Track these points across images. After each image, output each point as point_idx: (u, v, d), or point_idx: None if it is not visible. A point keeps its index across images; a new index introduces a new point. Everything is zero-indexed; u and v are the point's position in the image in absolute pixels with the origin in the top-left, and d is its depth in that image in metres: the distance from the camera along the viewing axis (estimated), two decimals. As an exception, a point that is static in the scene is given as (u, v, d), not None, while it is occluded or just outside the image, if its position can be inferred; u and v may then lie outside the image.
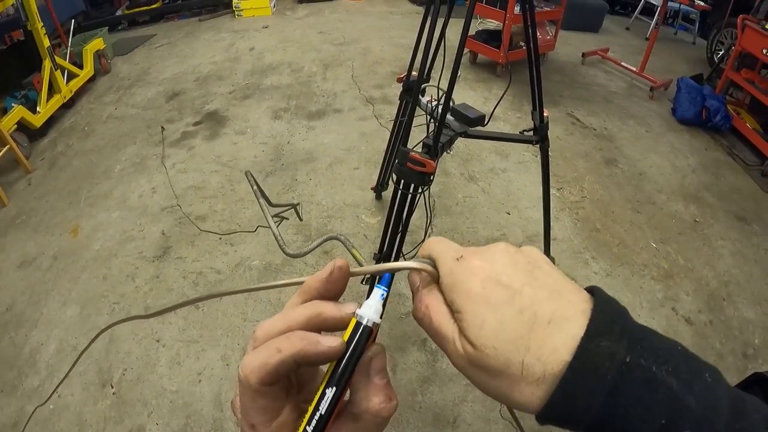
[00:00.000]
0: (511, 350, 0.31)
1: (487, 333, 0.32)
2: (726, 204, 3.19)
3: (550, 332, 0.31)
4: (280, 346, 0.31)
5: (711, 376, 0.30)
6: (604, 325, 0.31)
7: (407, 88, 2.25)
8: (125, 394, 2.06)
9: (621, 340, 0.30)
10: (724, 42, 5.00)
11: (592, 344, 0.30)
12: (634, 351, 0.29)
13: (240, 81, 4.72)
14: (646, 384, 0.28)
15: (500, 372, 0.32)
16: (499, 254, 0.36)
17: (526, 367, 0.31)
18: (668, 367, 0.29)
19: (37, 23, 3.78)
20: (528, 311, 0.32)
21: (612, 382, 0.29)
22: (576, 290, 0.34)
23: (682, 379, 0.29)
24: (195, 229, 2.88)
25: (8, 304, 2.51)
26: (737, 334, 2.35)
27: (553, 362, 0.30)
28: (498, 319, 0.32)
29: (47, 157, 3.73)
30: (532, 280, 0.33)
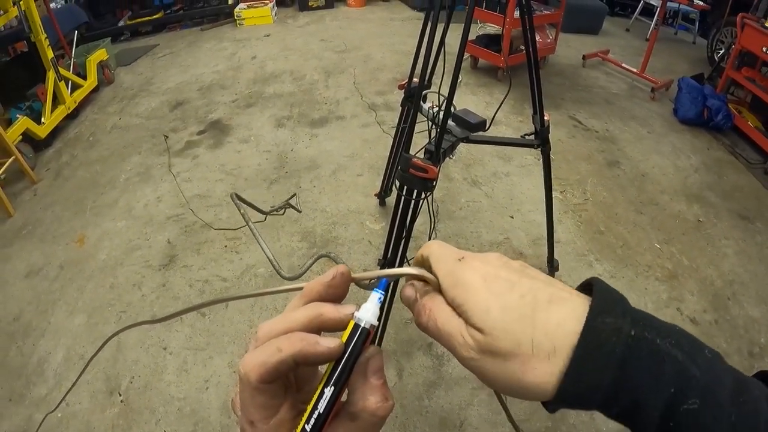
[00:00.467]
0: (519, 330, 0.33)
1: (494, 316, 0.34)
2: (729, 203, 3.19)
3: (552, 309, 0.33)
4: (280, 345, 0.32)
5: (710, 352, 0.32)
6: (606, 304, 0.33)
7: (409, 95, 2.27)
8: (133, 402, 2.08)
9: (624, 317, 0.32)
10: (724, 41, 5.00)
11: (597, 321, 0.32)
12: (638, 326, 0.32)
13: (243, 90, 4.75)
14: (653, 355, 0.30)
15: (511, 353, 0.33)
16: (493, 258, 0.38)
17: (536, 344, 0.32)
18: (671, 340, 0.31)
19: (40, 34, 3.81)
20: (528, 295, 0.34)
21: (621, 356, 0.30)
22: (567, 287, 0.36)
23: (686, 351, 0.31)
24: (200, 237, 2.90)
25: (16, 314, 2.53)
26: (743, 333, 2.34)
27: (561, 335, 0.32)
28: (501, 304, 0.34)
29: (52, 167, 3.76)
30: (525, 275, 0.36)
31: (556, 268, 2.53)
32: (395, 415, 1.96)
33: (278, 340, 0.33)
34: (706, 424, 0.30)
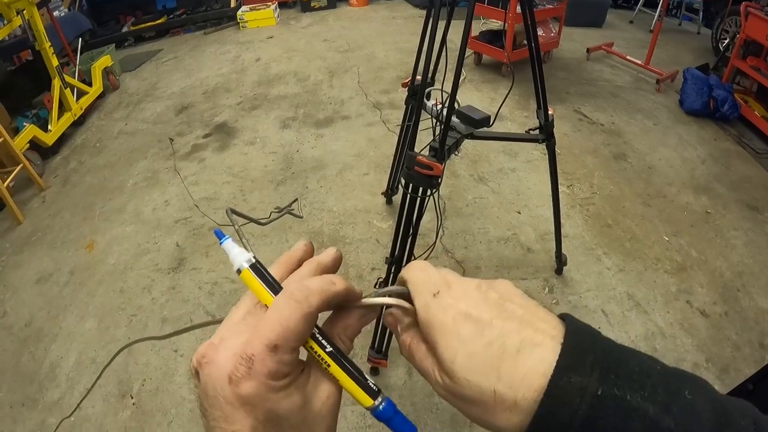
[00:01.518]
0: (482, 381, 0.32)
1: (459, 366, 0.33)
2: (737, 194, 3.16)
3: (519, 360, 0.32)
4: (333, 279, 0.35)
5: (692, 392, 0.30)
6: (574, 357, 0.31)
7: (412, 93, 2.27)
8: (145, 405, 2.09)
9: (592, 373, 0.30)
10: (728, 30, 4.96)
11: (562, 381, 0.30)
12: (607, 381, 0.30)
13: (247, 92, 4.76)
14: (620, 413, 0.29)
15: (475, 400, 0.33)
16: (471, 290, 0.37)
17: (498, 395, 0.32)
18: (644, 392, 0.29)
19: (44, 43, 3.85)
20: (496, 342, 0.33)
21: (584, 415, 0.29)
22: (546, 319, 0.35)
23: (659, 402, 0.29)
24: (209, 239, 2.92)
25: (27, 319, 2.56)
26: (753, 325, 2.33)
27: (525, 389, 0.31)
28: (468, 352, 0.33)
29: (60, 174, 3.79)
30: (501, 312, 0.35)
31: (564, 263, 2.53)
32: (406, 412, 1.96)
33: (333, 276, 0.36)
34: None
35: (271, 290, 0.35)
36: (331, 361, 0.35)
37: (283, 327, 0.32)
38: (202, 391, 0.33)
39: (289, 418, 0.34)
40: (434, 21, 1.53)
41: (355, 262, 2.71)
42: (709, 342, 2.24)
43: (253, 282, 0.35)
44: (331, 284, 0.35)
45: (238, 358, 0.31)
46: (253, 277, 0.35)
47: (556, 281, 2.53)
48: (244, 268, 0.35)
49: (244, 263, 0.36)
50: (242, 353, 0.31)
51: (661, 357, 1.56)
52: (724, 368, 2.12)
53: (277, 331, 0.32)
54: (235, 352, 0.32)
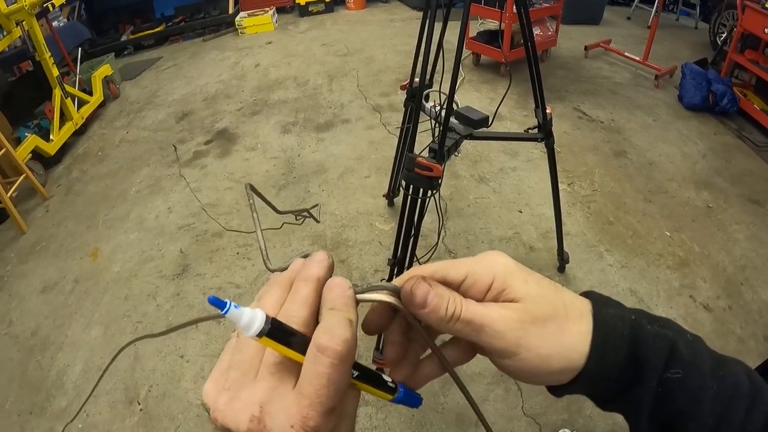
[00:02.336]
0: (552, 297, 0.37)
1: (532, 286, 0.37)
2: (738, 188, 3.16)
3: (566, 291, 0.39)
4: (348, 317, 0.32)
5: (692, 336, 0.38)
6: (604, 300, 0.39)
7: (411, 95, 2.28)
8: (152, 410, 2.10)
9: (621, 306, 0.39)
10: (725, 24, 4.96)
11: (603, 312, 0.38)
12: (633, 314, 0.38)
13: (247, 98, 4.78)
14: (651, 334, 0.37)
15: (550, 316, 0.36)
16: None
17: (568, 306, 0.37)
18: (660, 322, 0.38)
19: (45, 53, 3.87)
20: (545, 280, 0.38)
21: (629, 338, 0.36)
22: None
23: (674, 330, 0.38)
24: (212, 245, 2.93)
25: (33, 328, 2.57)
26: (757, 318, 2.33)
27: (580, 302, 0.38)
28: (534, 279, 0.38)
29: (63, 183, 3.81)
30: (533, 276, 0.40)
31: (566, 261, 2.53)
32: (412, 413, 1.97)
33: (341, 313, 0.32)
34: (691, 390, 0.35)
35: (298, 348, 0.31)
36: (358, 381, 0.34)
37: (334, 389, 0.30)
38: None
39: None
40: (430, 23, 1.55)
41: (358, 264, 2.71)
42: (713, 336, 2.24)
43: (276, 346, 0.31)
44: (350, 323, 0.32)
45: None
46: (274, 342, 0.31)
47: (559, 279, 2.54)
48: (264, 335, 0.30)
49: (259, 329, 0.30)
50: (304, 427, 0.29)
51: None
52: (729, 362, 2.12)
53: (329, 396, 0.30)
54: (292, 424, 0.29)
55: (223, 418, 0.31)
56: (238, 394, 0.31)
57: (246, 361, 0.33)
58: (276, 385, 0.31)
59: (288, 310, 0.34)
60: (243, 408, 0.31)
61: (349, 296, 0.34)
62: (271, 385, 0.31)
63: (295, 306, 0.34)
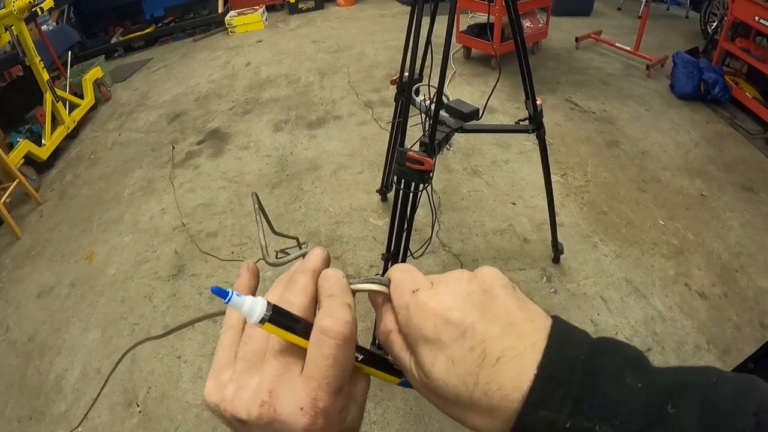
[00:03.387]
0: (460, 385, 0.32)
1: (438, 369, 0.33)
2: (732, 175, 3.18)
3: (498, 370, 0.32)
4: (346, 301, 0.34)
5: (678, 403, 0.29)
6: (546, 390, 0.30)
7: (401, 90, 2.28)
8: (151, 412, 2.10)
9: (563, 407, 0.30)
10: (716, 13, 4.97)
11: (531, 415, 0.30)
12: (577, 413, 0.29)
13: (239, 97, 4.77)
14: None
15: (452, 401, 0.34)
16: (452, 285, 0.36)
17: (474, 400, 0.32)
18: (616, 420, 0.29)
19: (34, 58, 3.85)
20: (478, 349, 0.32)
21: None
22: (530, 319, 0.34)
23: (633, 429, 0.28)
24: (207, 245, 2.93)
25: (30, 333, 2.57)
26: (753, 305, 2.34)
27: (499, 398, 0.31)
28: (449, 357, 0.33)
29: (56, 187, 3.80)
30: (484, 313, 0.34)
31: (561, 252, 2.54)
32: (410, 408, 1.98)
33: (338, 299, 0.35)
34: None
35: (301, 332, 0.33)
36: (363, 365, 0.36)
37: (340, 369, 0.32)
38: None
39: (351, 423, 0.35)
40: (418, 17, 1.54)
41: (352, 260, 2.72)
42: (709, 324, 2.25)
43: (278, 331, 0.32)
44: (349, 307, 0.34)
45: (311, 413, 0.31)
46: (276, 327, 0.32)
47: (553, 270, 2.55)
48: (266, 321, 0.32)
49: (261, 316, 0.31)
50: (314, 408, 0.31)
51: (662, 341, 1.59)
52: (726, 349, 2.13)
53: (336, 375, 0.32)
54: (302, 406, 0.31)
55: (233, 408, 0.32)
56: (245, 384, 0.32)
57: (252, 351, 0.34)
58: (283, 371, 0.32)
59: (287, 298, 0.35)
60: (252, 396, 0.31)
61: (344, 284, 0.36)
62: (278, 371, 0.32)
63: (294, 294, 0.36)
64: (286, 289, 0.37)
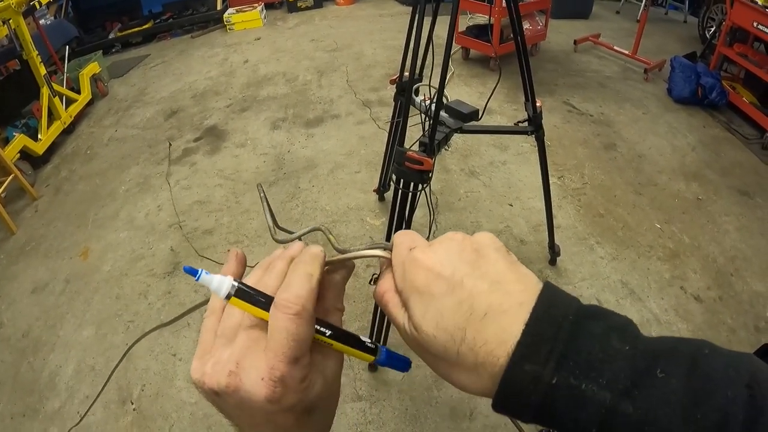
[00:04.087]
0: (448, 339, 0.33)
1: (428, 321, 0.34)
2: (728, 180, 3.19)
3: (484, 325, 0.32)
4: (307, 271, 0.36)
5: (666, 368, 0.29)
6: (533, 345, 0.31)
7: (401, 90, 2.28)
8: (146, 410, 2.10)
9: (548, 361, 0.30)
10: (714, 18, 4.98)
11: (517, 368, 0.31)
12: (563, 369, 0.30)
13: (236, 94, 4.76)
14: (573, 402, 0.29)
15: (440, 356, 0.35)
16: (445, 243, 0.38)
17: (461, 355, 0.33)
18: (601, 379, 0.29)
19: (32, 52, 3.83)
20: (466, 303, 0.33)
21: (537, 403, 0.30)
22: (518, 280, 0.35)
23: (619, 388, 0.29)
24: (203, 243, 2.92)
25: (24, 330, 2.55)
26: (748, 308, 2.35)
27: (484, 354, 0.32)
28: (438, 309, 0.34)
29: (52, 183, 3.78)
30: (474, 270, 0.35)
31: (558, 254, 2.54)
32: (405, 407, 1.98)
33: (302, 268, 0.37)
34: None
35: (264, 307, 0.35)
36: (332, 341, 0.37)
37: (294, 340, 0.33)
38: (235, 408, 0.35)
39: (317, 399, 0.36)
40: (420, 17, 1.54)
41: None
42: (704, 327, 2.26)
43: (244, 305, 0.35)
44: (310, 277, 0.36)
45: (270, 382, 0.32)
46: (242, 302, 0.35)
47: (550, 272, 2.55)
48: (232, 296, 0.35)
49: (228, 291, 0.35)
50: (272, 377, 0.32)
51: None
52: (719, 352, 2.14)
53: (291, 346, 0.33)
54: (262, 376, 0.33)
55: (209, 380, 0.34)
56: (220, 358, 0.34)
57: (228, 327, 0.36)
58: (251, 343, 0.34)
59: (264, 281, 0.38)
60: (222, 367, 0.34)
61: (313, 254, 0.38)
62: (246, 344, 0.34)
63: (271, 278, 0.38)
64: (265, 272, 0.39)
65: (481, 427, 1.92)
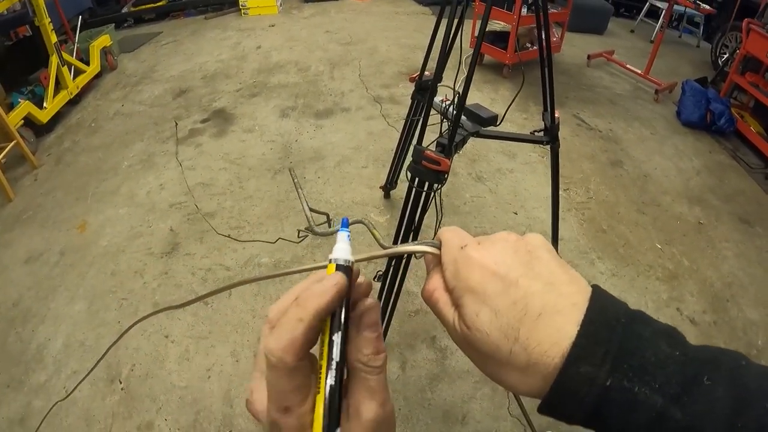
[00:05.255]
0: (501, 338, 0.34)
1: (482, 320, 0.35)
2: (730, 206, 3.20)
3: (538, 325, 0.33)
4: (298, 315, 0.30)
5: (713, 376, 0.30)
6: (588, 346, 0.31)
7: (419, 88, 2.26)
8: (134, 390, 2.07)
9: (603, 363, 0.30)
10: (728, 45, 5.01)
11: (572, 369, 0.31)
12: (618, 372, 0.30)
13: (247, 79, 4.73)
14: (626, 405, 0.30)
15: (490, 355, 0.35)
16: (499, 243, 0.39)
17: (513, 354, 0.33)
18: (654, 383, 0.30)
19: (44, 19, 3.79)
20: (520, 303, 0.34)
21: (591, 404, 0.31)
22: (571, 281, 0.35)
23: (670, 393, 0.29)
24: (203, 225, 2.89)
25: (15, 299, 2.52)
26: (741, 335, 2.36)
27: (538, 354, 0.32)
28: (492, 308, 0.34)
29: (54, 153, 3.74)
30: (528, 270, 0.36)
31: (558, 266, 2.54)
32: (398, 407, 1.97)
33: (293, 311, 0.31)
34: None
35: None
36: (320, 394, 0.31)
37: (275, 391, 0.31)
38: None
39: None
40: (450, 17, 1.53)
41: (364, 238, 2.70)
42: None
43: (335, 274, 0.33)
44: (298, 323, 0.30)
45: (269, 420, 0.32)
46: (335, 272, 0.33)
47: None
48: (341, 262, 0.33)
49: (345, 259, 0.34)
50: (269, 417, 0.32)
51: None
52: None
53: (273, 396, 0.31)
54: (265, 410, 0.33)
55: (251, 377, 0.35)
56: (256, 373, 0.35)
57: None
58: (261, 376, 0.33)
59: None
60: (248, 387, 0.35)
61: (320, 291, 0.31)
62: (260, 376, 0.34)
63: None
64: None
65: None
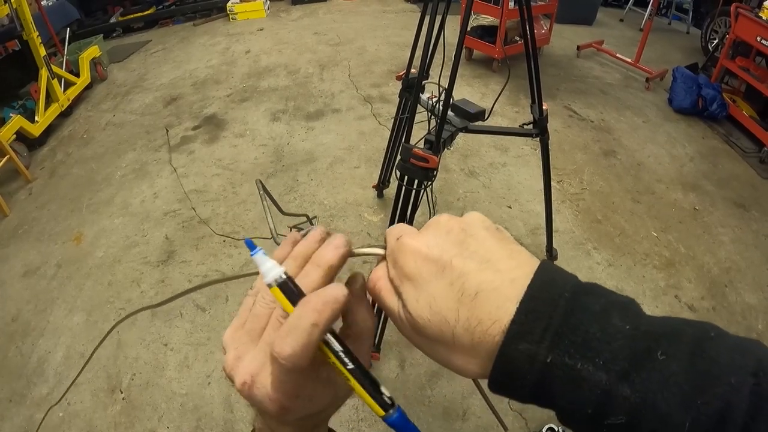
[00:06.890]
0: (442, 322, 0.33)
1: (421, 305, 0.34)
2: (725, 191, 3.20)
3: (476, 305, 0.32)
4: (313, 320, 0.30)
5: (668, 350, 0.28)
6: (528, 323, 0.30)
7: (407, 86, 2.26)
8: (135, 399, 2.07)
9: (542, 340, 0.29)
10: (717, 31, 5.00)
11: (512, 346, 0.30)
12: (558, 348, 0.29)
13: (237, 84, 4.72)
14: (570, 382, 0.29)
15: (436, 340, 0.34)
16: (432, 227, 0.37)
17: (457, 337, 0.32)
18: (598, 359, 0.28)
19: (32, 32, 3.78)
20: (456, 284, 0.33)
21: (534, 382, 0.30)
22: (510, 257, 0.34)
23: (615, 370, 0.28)
24: (199, 232, 2.89)
25: (14, 314, 2.52)
26: (740, 320, 2.36)
27: (480, 334, 0.32)
28: (429, 292, 0.34)
29: (47, 166, 3.74)
30: (462, 250, 0.34)
31: (555, 258, 2.54)
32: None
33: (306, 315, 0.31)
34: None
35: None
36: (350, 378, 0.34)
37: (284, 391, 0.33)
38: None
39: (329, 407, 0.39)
40: (432, 14, 1.53)
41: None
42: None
43: (282, 298, 0.33)
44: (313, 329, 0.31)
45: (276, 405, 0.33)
46: (281, 295, 0.33)
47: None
48: (273, 286, 0.33)
49: (273, 279, 0.33)
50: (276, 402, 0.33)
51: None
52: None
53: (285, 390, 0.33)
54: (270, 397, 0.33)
55: (229, 371, 0.35)
56: (243, 355, 0.34)
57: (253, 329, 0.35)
58: (265, 361, 0.33)
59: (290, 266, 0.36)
60: (241, 372, 0.34)
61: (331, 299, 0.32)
62: (263, 360, 0.33)
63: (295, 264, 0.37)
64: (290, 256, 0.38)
65: (473, 428, 1.91)
